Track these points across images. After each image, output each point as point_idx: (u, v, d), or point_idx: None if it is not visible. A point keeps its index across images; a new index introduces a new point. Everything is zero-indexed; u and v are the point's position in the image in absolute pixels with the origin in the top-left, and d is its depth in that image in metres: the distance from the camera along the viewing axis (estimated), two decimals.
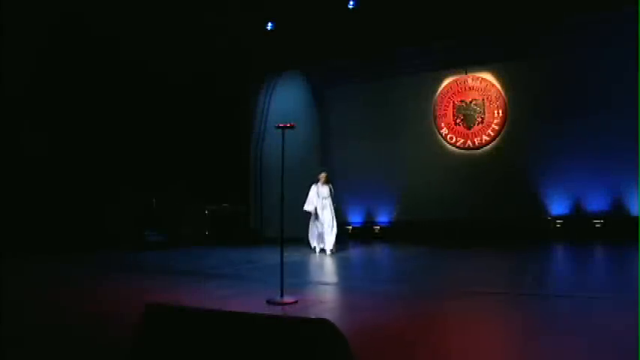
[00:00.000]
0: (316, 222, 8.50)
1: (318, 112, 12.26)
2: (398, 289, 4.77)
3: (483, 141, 10.82)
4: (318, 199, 8.49)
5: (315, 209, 8.52)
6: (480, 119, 10.89)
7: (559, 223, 9.81)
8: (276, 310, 3.74)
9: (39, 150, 9.17)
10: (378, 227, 11.49)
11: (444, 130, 11.21)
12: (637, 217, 8.80)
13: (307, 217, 8.74)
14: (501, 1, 9.29)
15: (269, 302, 3.95)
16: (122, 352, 2.34)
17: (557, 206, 9.93)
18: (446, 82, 11.27)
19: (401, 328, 3.27)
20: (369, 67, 11.64)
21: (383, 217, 11.54)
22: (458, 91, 11.16)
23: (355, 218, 11.74)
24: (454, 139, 11.09)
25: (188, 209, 11.59)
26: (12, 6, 8.21)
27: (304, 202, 8.50)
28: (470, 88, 11.03)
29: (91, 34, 9.51)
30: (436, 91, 11.35)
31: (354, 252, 9.15)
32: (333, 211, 8.58)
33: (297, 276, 5.34)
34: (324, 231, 8.41)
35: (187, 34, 10.32)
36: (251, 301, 4.13)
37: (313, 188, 8.52)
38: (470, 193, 10.36)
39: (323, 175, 8.64)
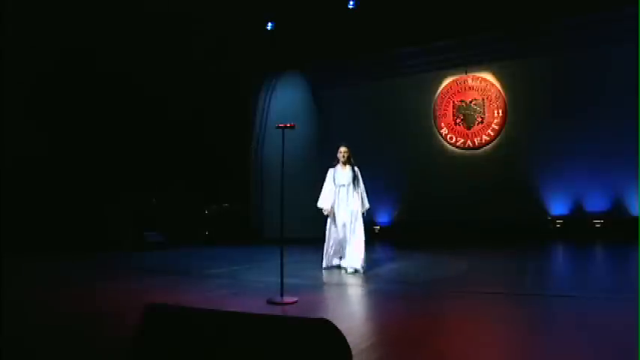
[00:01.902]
0: (333, 225, 5.94)
1: (318, 112, 12.26)
2: (398, 289, 4.77)
3: (483, 141, 10.82)
4: (335, 187, 5.94)
5: (333, 206, 5.88)
6: (480, 119, 10.90)
7: (559, 223, 9.82)
8: (276, 310, 3.74)
9: (39, 150, 9.17)
10: (378, 227, 11.49)
11: (444, 130, 11.21)
12: (637, 217, 8.81)
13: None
14: (501, 1, 9.30)
15: (269, 302, 3.94)
16: (122, 352, 2.34)
17: (557, 206, 9.93)
18: (446, 82, 11.28)
19: (401, 328, 3.27)
20: (369, 67, 11.66)
21: (383, 217, 11.54)
22: (458, 91, 11.16)
23: None
24: (454, 139, 11.09)
25: (188, 209, 11.59)
26: (14, 8, 8.21)
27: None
28: (470, 88, 11.04)
29: (91, 34, 9.51)
30: (436, 91, 11.35)
31: None
32: (358, 208, 5.86)
33: (298, 276, 5.34)
34: (345, 238, 5.81)
35: (187, 34, 10.33)
36: (251, 301, 4.13)
37: (330, 173, 6.05)
38: (470, 193, 10.37)
39: (342, 151, 5.99)
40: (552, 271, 6.47)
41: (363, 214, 5.96)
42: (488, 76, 10.87)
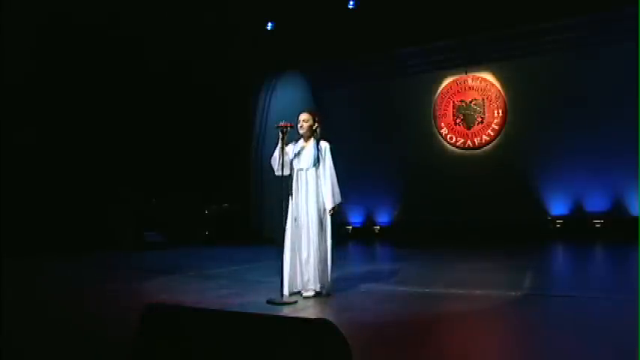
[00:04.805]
0: (292, 227, 4.24)
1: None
2: (398, 290, 4.76)
3: (483, 141, 10.82)
4: (292, 172, 4.34)
5: (289, 195, 4.28)
6: (480, 119, 10.90)
7: (559, 223, 9.81)
8: (276, 310, 3.74)
9: (38, 150, 9.16)
10: (378, 227, 11.49)
11: (444, 130, 11.21)
12: (637, 217, 8.80)
13: None
14: (501, 1, 9.29)
15: (269, 302, 3.94)
16: (122, 352, 2.34)
17: (557, 206, 9.93)
18: (446, 82, 11.28)
19: (401, 328, 3.27)
20: (368, 67, 11.65)
21: (383, 217, 11.54)
22: (458, 91, 11.16)
23: (355, 218, 11.75)
24: (454, 139, 11.09)
25: (188, 209, 11.58)
26: (4, 3, 8.17)
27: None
28: (470, 88, 11.04)
29: (90, 32, 9.50)
30: (436, 91, 11.35)
31: (354, 252, 9.15)
32: (326, 202, 4.22)
33: None
34: (303, 250, 4.18)
35: (187, 33, 10.32)
36: (251, 301, 4.13)
37: (288, 149, 4.40)
38: (470, 193, 10.36)
39: (302, 119, 4.37)
40: (552, 271, 6.47)
41: (332, 211, 4.26)
42: (488, 76, 10.87)
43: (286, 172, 4.27)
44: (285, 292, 4.09)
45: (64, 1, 8.81)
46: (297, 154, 4.35)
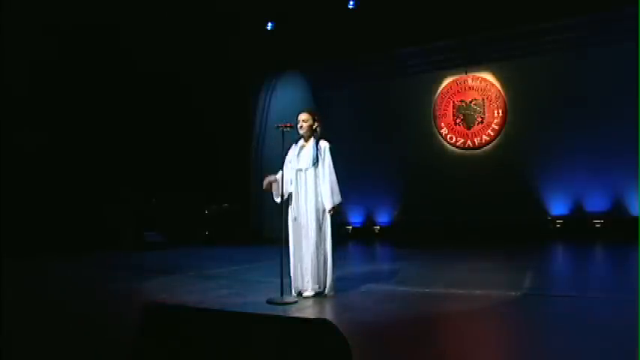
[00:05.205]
0: (291, 228, 4.28)
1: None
2: (398, 290, 4.76)
3: (483, 141, 10.82)
4: (292, 172, 4.30)
5: (289, 197, 4.28)
6: (479, 119, 10.89)
7: (559, 223, 9.81)
8: (276, 310, 3.74)
9: (38, 149, 9.16)
10: (378, 227, 11.49)
11: (444, 130, 11.21)
12: (637, 217, 8.80)
13: None
14: (501, 1, 9.28)
15: (269, 302, 3.94)
16: (122, 352, 2.34)
17: (557, 206, 9.92)
18: (446, 82, 11.28)
19: (401, 328, 3.27)
20: (368, 67, 11.64)
21: (383, 217, 11.54)
22: (458, 91, 11.16)
23: (355, 218, 11.74)
24: (454, 139, 11.09)
25: (188, 209, 11.58)
26: (11, 6, 8.18)
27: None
28: (470, 88, 11.03)
29: (90, 32, 9.50)
30: (436, 91, 11.35)
31: (354, 252, 9.15)
32: (325, 202, 4.17)
33: None
34: (302, 251, 4.18)
35: (187, 33, 10.32)
36: (251, 301, 4.13)
37: (289, 154, 4.39)
38: (470, 193, 10.35)
39: (301, 119, 4.32)
40: (552, 271, 6.47)
41: (332, 210, 4.22)
42: (488, 76, 10.86)
43: (285, 196, 4.26)
44: (293, 292, 4.21)
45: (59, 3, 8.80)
46: (297, 155, 4.33)
